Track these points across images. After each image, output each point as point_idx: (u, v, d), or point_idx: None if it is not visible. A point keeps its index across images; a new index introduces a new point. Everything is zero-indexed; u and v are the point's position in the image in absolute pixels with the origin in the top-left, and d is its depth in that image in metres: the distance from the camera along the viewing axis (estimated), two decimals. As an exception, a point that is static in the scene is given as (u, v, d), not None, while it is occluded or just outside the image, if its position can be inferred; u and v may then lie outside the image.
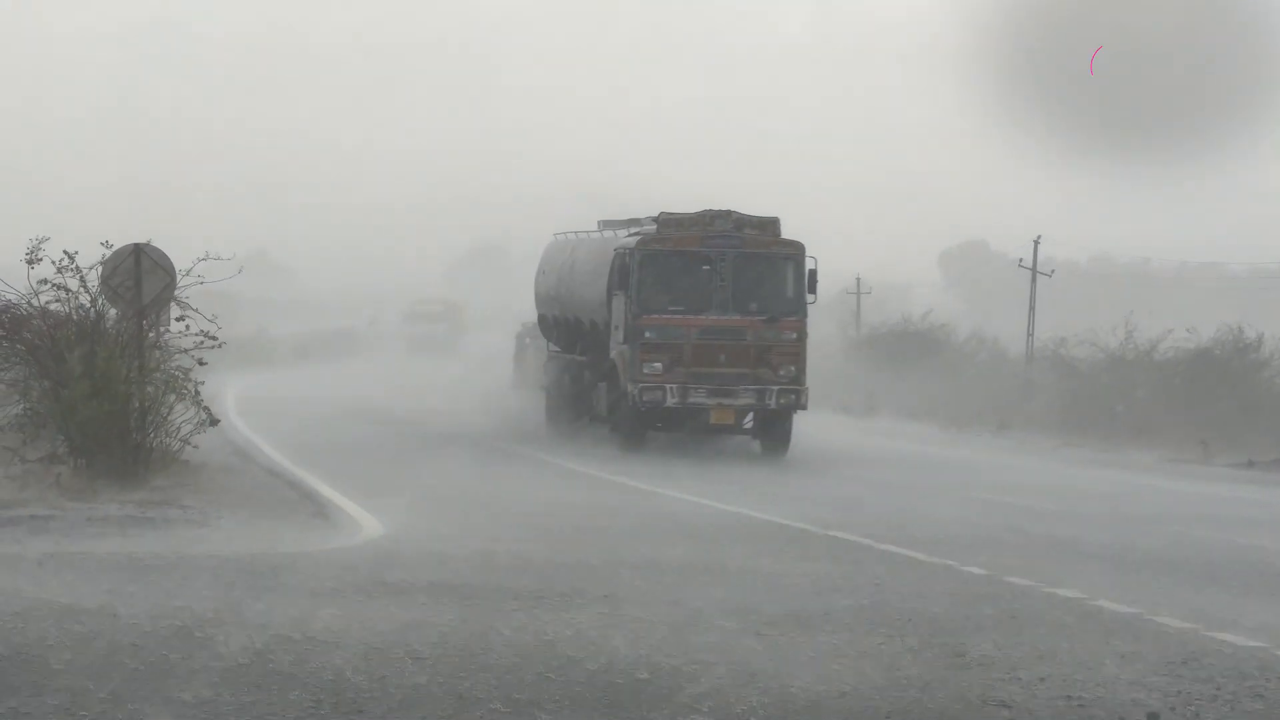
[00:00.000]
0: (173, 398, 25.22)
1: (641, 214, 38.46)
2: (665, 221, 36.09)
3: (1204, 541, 22.66)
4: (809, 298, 35.99)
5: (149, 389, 24.96)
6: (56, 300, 25.07)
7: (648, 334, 35.20)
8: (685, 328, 35.23)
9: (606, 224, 40.30)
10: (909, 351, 68.58)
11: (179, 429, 25.50)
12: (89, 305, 25.15)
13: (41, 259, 24.74)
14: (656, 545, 18.98)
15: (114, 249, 25.64)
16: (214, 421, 25.76)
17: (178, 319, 25.87)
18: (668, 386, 34.94)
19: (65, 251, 24.97)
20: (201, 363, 25.70)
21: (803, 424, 37.12)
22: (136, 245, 25.67)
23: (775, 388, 35.04)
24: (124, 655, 11.20)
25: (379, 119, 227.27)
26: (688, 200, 40.67)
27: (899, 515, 24.67)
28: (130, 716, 9.71)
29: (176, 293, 25.88)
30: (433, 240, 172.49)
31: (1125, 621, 14.48)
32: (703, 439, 36.86)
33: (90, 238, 25.65)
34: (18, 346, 24.97)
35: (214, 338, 25.45)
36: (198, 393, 25.31)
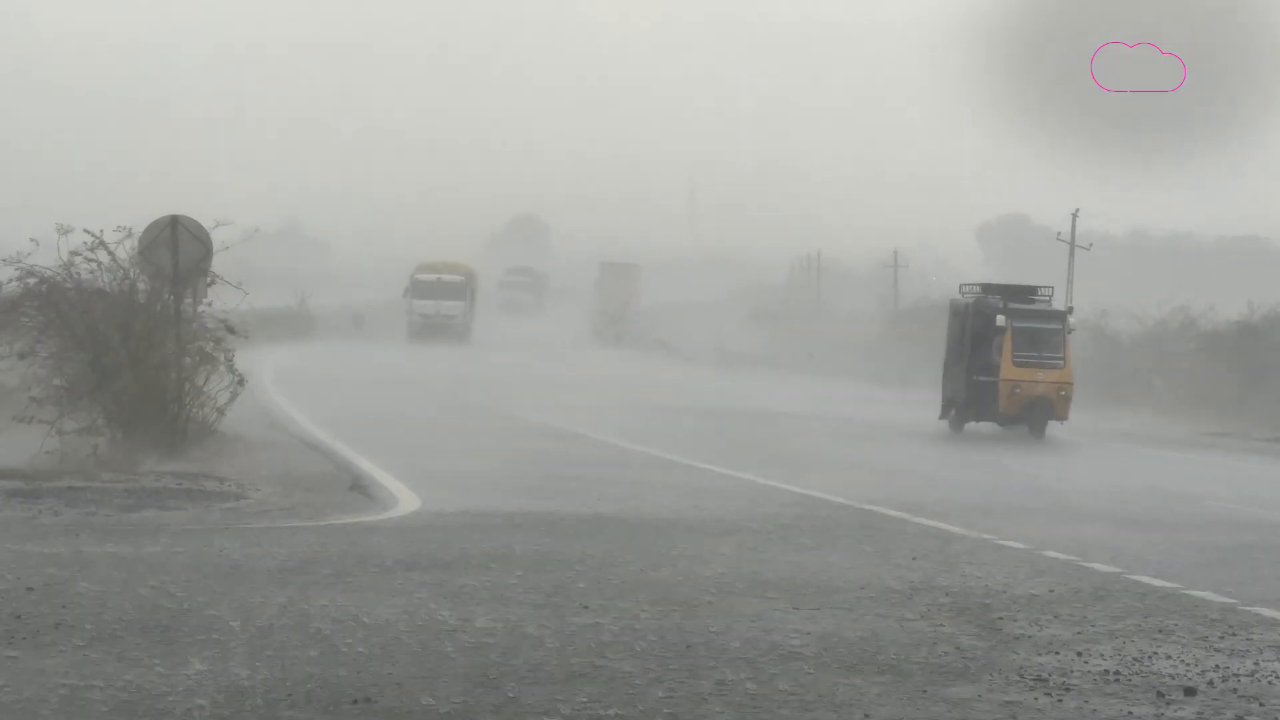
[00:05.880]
0: (208, 369, 25.29)
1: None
2: None
3: (1241, 517, 22.56)
4: None
5: (186, 360, 25.00)
6: (90, 273, 25.07)
7: None
8: None
9: None
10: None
11: (215, 400, 25.55)
12: (123, 277, 25.15)
13: (67, 235, 24.72)
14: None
15: (151, 221, 25.66)
16: (241, 381, 25.75)
17: (209, 284, 25.86)
18: None
19: (87, 230, 24.96)
20: (233, 331, 25.60)
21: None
22: (173, 217, 25.67)
23: None
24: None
25: (414, 92, 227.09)
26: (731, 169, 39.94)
27: (937, 490, 24.60)
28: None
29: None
30: (470, 213, 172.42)
31: (1163, 596, 14.41)
32: None
33: (120, 209, 25.68)
34: (53, 319, 24.98)
35: (233, 330, 25.38)
36: (231, 362, 25.36)
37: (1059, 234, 72.15)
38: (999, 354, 38.54)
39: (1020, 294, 40.15)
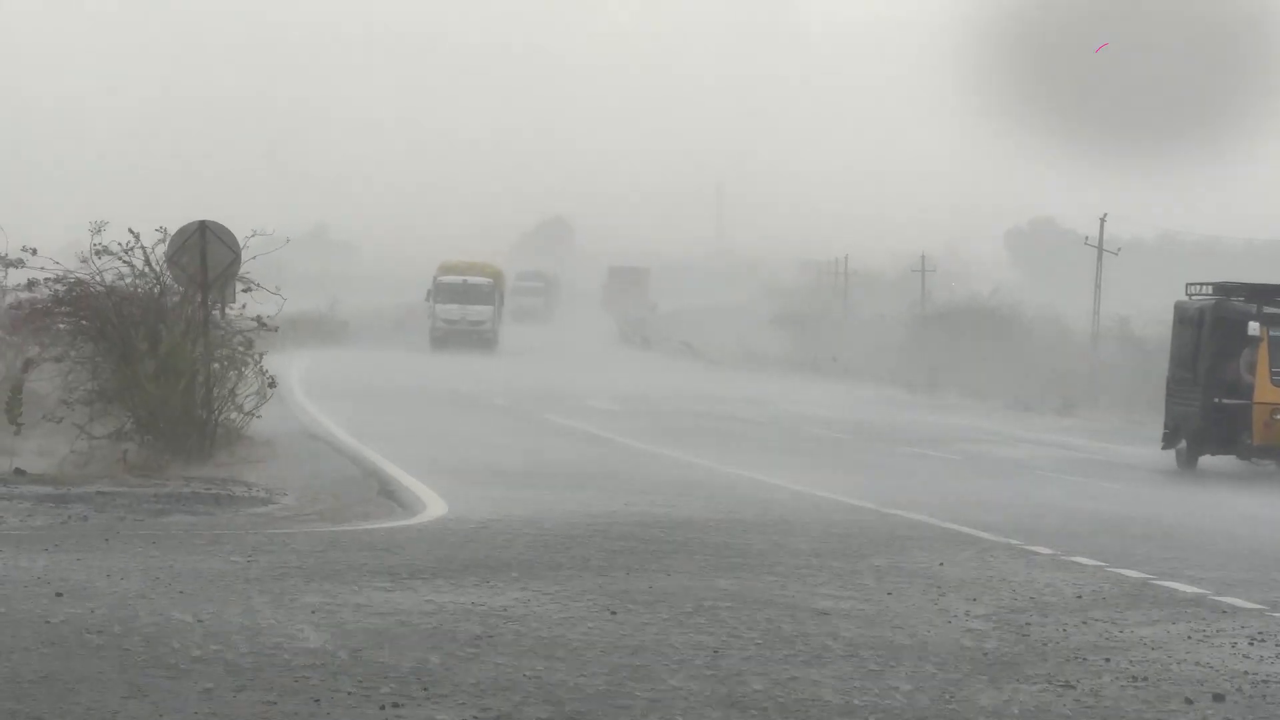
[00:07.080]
0: (235, 374, 25.38)
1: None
2: None
3: (1264, 521, 22.51)
4: None
5: (214, 365, 25.08)
6: (122, 277, 25.20)
7: None
8: None
9: None
10: (975, 329, 68.34)
11: (243, 405, 25.62)
12: (154, 282, 25.26)
13: (101, 233, 24.87)
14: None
15: (180, 227, 25.74)
16: (271, 385, 25.90)
17: (244, 290, 25.99)
18: None
19: (130, 230, 25.10)
20: (265, 326, 25.75)
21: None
22: (202, 222, 25.72)
23: None
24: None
25: (442, 96, 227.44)
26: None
27: (963, 496, 24.56)
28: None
29: (241, 271, 25.97)
30: (497, 216, 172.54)
31: (1192, 601, 14.37)
32: None
33: (150, 216, 25.78)
34: (83, 323, 25.09)
35: (265, 324, 25.58)
36: (260, 367, 25.49)
37: (1086, 238, 72.03)
38: (1251, 371, 30.81)
39: (1272, 294, 31.86)
